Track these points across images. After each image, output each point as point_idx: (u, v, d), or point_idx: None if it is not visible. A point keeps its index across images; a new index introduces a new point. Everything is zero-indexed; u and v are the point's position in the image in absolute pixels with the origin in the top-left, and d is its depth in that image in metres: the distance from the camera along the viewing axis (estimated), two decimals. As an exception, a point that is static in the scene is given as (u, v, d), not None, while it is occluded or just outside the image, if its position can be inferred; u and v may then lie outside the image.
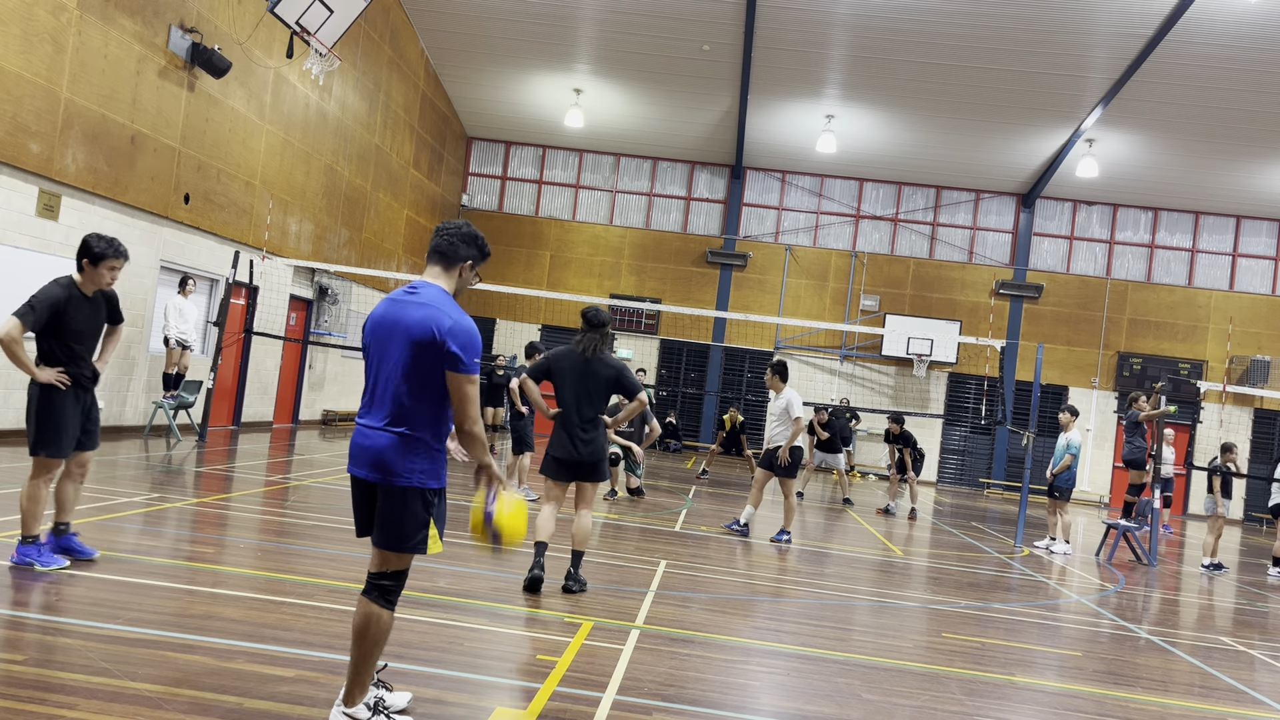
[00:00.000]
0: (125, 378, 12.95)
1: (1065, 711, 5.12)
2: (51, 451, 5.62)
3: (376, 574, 3.65)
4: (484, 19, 20.20)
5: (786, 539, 10.31)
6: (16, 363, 5.49)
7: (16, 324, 5.44)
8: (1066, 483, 12.54)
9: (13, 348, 5.44)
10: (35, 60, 10.56)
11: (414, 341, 3.58)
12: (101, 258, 5.59)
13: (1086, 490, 23.30)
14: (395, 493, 3.61)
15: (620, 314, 24.62)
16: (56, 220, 11.21)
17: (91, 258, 5.58)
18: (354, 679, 3.63)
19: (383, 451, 3.61)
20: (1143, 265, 24.67)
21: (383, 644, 3.65)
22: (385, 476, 3.60)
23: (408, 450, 3.61)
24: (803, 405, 10.33)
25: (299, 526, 7.95)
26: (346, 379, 20.26)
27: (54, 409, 5.60)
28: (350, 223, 19.09)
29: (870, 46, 19.50)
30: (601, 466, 6.71)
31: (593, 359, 6.64)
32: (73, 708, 3.60)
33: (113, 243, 5.64)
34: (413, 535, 3.64)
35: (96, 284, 5.66)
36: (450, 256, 3.76)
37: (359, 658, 3.61)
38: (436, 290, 3.70)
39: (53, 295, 5.53)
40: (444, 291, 3.72)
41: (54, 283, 5.62)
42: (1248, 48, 17.83)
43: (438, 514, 3.73)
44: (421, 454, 3.63)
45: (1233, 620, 9.10)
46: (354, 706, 3.62)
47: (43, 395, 5.60)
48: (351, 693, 3.64)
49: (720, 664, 5.25)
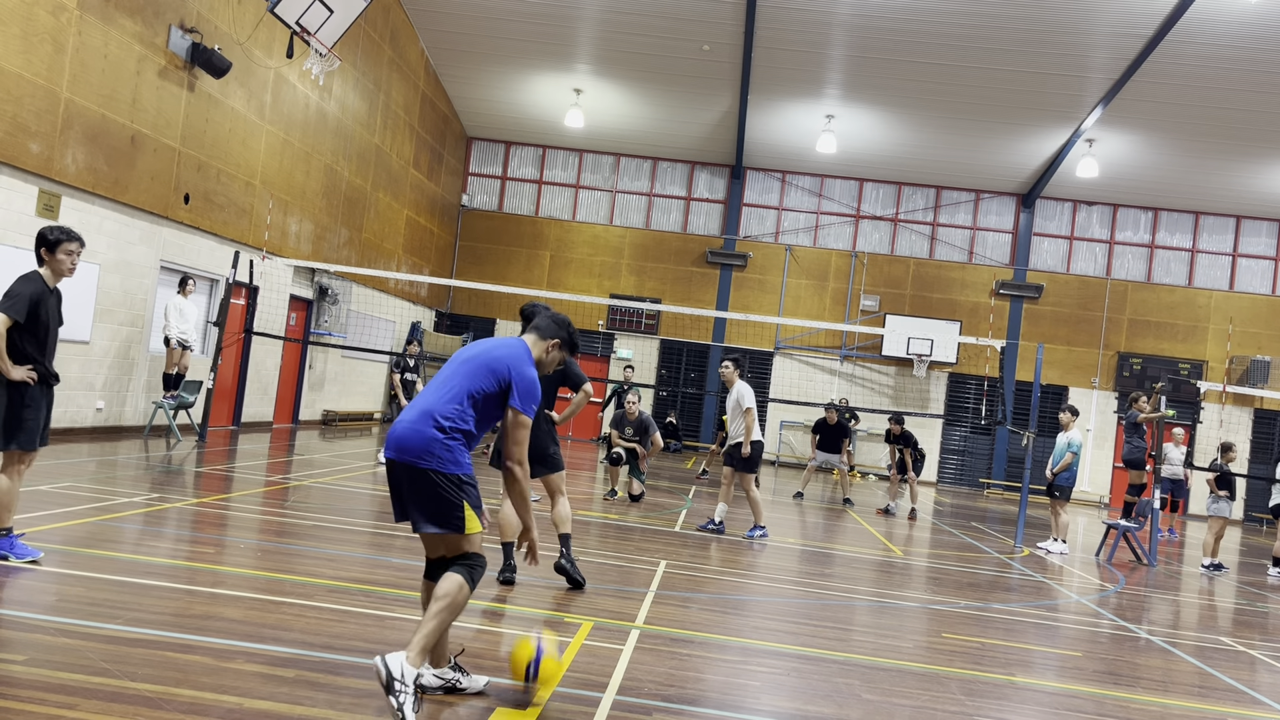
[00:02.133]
0: (125, 378, 12.95)
1: (1065, 711, 5.12)
2: (24, 443, 5.66)
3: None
4: (484, 19, 20.20)
5: (761, 534, 10.27)
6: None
7: (6, 320, 5.49)
8: (1067, 482, 12.52)
9: (1, 344, 5.48)
10: (35, 60, 10.56)
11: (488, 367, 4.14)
12: (58, 243, 5.65)
13: (1086, 490, 23.30)
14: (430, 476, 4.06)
15: (620, 314, 24.64)
16: (56, 220, 11.20)
17: (48, 245, 5.64)
18: (422, 640, 3.80)
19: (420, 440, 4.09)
20: (1143, 265, 24.67)
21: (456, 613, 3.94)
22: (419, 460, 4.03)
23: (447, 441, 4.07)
24: (753, 397, 10.36)
25: (299, 526, 7.95)
26: (346, 379, 20.26)
27: (25, 404, 5.64)
28: (350, 223, 19.09)
29: (870, 46, 19.50)
30: (550, 457, 6.86)
31: None
32: (73, 708, 3.59)
33: (65, 229, 5.71)
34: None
35: (59, 273, 5.72)
36: (545, 331, 4.41)
37: (433, 618, 3.84)
38: (524, 346, 4.29)
39: (29, 289, 5.58)
40: (529, 350, 4.29)
41: (23, 279, 5.64)
42: (1248, 48, 17.83)
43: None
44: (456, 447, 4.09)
45: (1233, 620, 9.10)
46: (417, 666, 3.74)
47: (14, 391, 5.62)
48: (418, 653, 3.77)
49: (720, 664, 5.25)
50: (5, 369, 5.55)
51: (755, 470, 10.40)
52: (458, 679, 4.19)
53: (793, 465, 23.95)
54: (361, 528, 8.34)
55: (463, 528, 3.97)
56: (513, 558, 6.65)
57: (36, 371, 5.67)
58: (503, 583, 6.55)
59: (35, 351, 5.66)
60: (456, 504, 3.96)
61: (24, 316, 5.55)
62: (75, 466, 9.63)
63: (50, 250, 5.64)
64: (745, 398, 10.22)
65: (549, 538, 7.53)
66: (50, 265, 5.67)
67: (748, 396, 10.24)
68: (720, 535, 10.25)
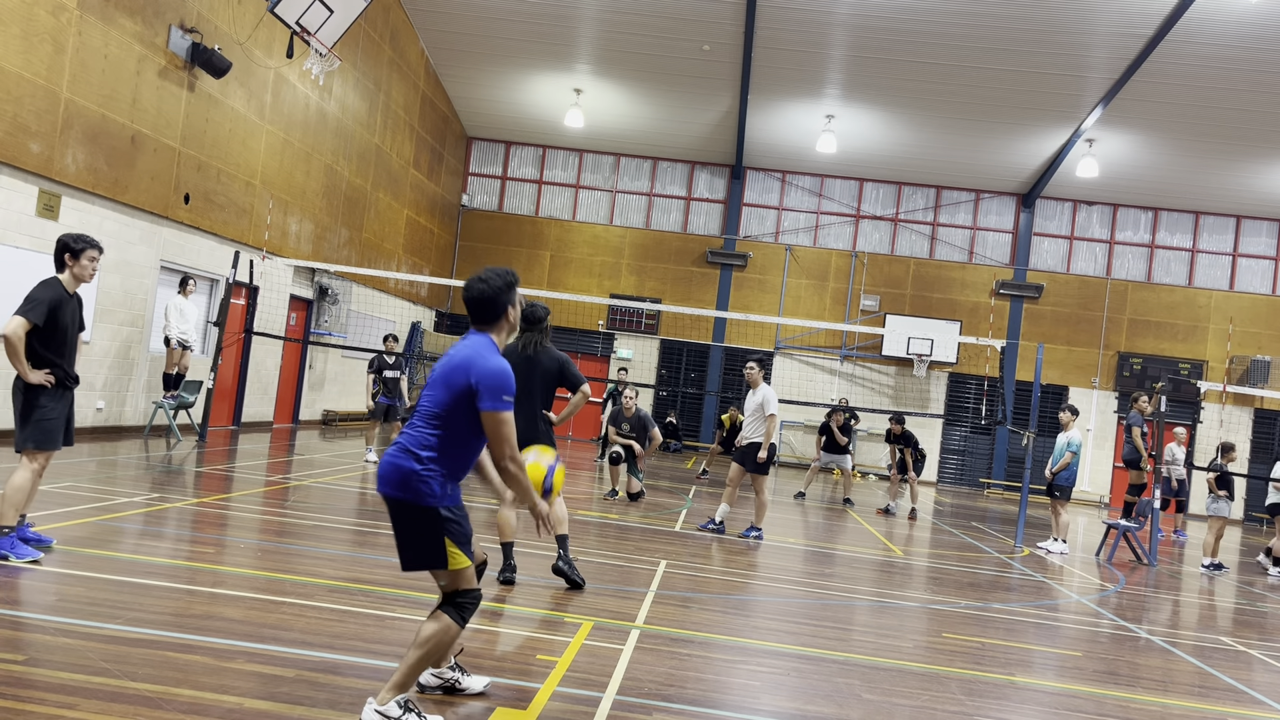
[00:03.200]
0: (125, 378, 12.95)
1: (1065, 711, 5.12)
2: (41, 443, 5.82)
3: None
4: (484, 19, 20.20)
5: (756, 535, 10.29)
6: (15, 360, 5.68)
7: (24, 323, 5.66)
8: (1066, 481, 12.52)
9: (18, 346, 5.65)
10: (35, 60, 10.56)
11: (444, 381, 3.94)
12: (81, 250, 5.86)
13: (1086, 490, 23.30)
14: None
15: (620, 314, 24.63)
16: (56, 220, 11.20)
17: (72, 252, 5.85)
18: (397, 677, 3.73)
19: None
20: (1143, 265, 24.67)
21: (440, 652, 3.85)
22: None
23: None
24: (778, 402, 10.35)
25: (299, 526, 7.95)
26: (347, 379, 20.26)
27: (42, 405, 5.79)
28: (350, 223, 19.09)
29: (870, 46, 19.50)
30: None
31: (535, 355, 6.76)
32: (73, 708, 3.60)
33: (87, 237, 5.93)
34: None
35: (81, 278, 5.91)
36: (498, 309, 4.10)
37: (411, 658, 3.75)
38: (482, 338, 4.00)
39: (49, 294, 5.77)
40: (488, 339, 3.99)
41: (43, 284, 5.82)
42: (1247, 48, 17.83)
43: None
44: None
45: (1233, 620, 9.10)
46: (385, 705, 3.67)
47: (33, 394, 5.78)
48: (389, 689, 3.71)
49: (720, 664, 5.25)
50: (23, 371, 5.71)
51: (768, 471, 10.44)
52: (457, 679, 4.19)
53: (793, 465, 23.94)
54: (362, 528, 8.34)
55: (445, 564, 3.78)
56: (512, 558, 6.65)
57: (55, 374, 5.84)
58: (503, 583, 6.55)
59: (55, 355, 5.84)
60: (436, 540, 3.76)
61: (43, 321, 5.73)
62: (75, 466, 9.63)
63: (74, 257, 5.84)
64: (770, 403, 10.24)
65: (547, 538, 7.52)
66: (72, 271, 5.87)
67: (772, 402, 10.26)
68: (720, 535, 10.26)
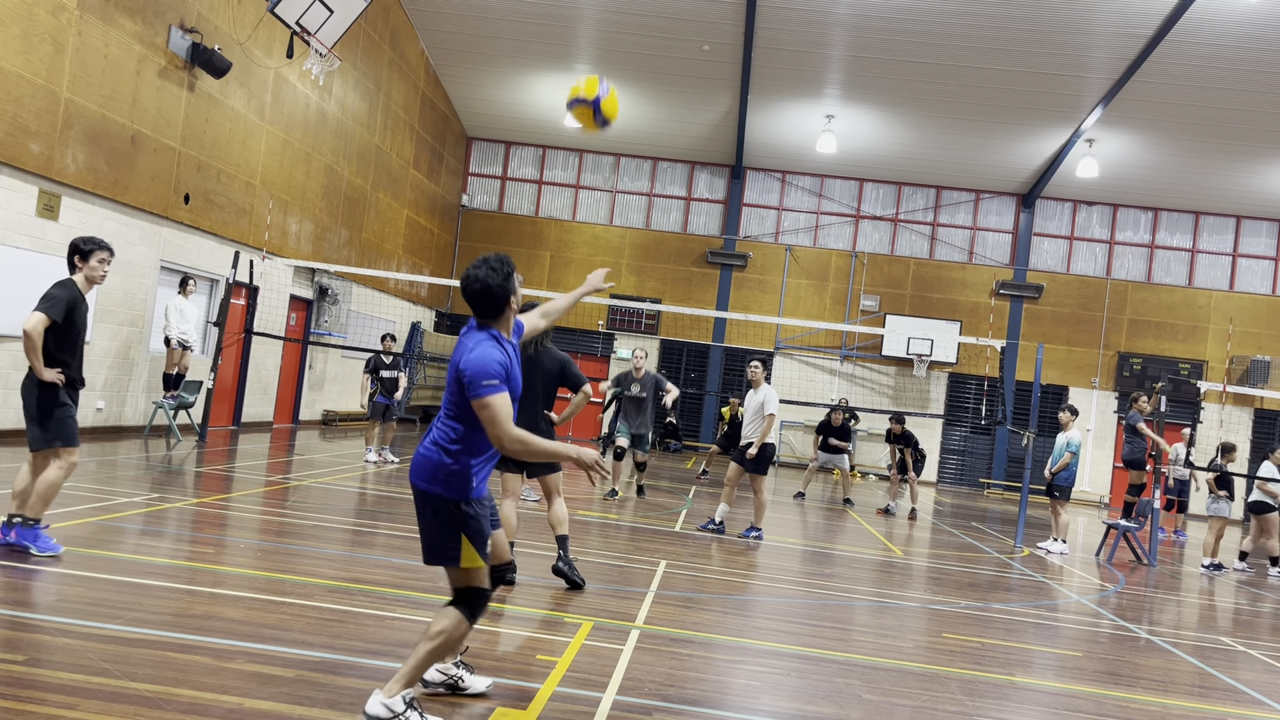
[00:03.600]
0: (125, 378, 12.95)
1: (1065, 711, 5.12)
2: (66, 439, 5.94)
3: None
4: (484, 19, 20.19)
5: (756, 535, 10.28)
6: (33, 355, 5.77)
7: (45, 319, 5.77)
8: (1066, 482, 12.52)
9: (37, 342, 5.75)
10: (35, 60, 10.56)
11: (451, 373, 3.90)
12: (91, 252, 5.95)
13: (1086, 490, 23.30)
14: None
15: (620, 314, 24.63)
16: (56, 220, 11.21)
17: (81, 254, 5.94)
18: (406, 669, 3.73)
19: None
20: (1143, 265, 24.67)
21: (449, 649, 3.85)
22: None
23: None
24: (778, 403, 10.35)
25: (299, 526, 7.95)
26: (347, 379, 20.25)
27: (60, 402, 5.92)
28: (350, 223, 19.09)
29: (870, 46, 19.50)
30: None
31: (536, 355, 6.77)
32: (73, 708, 3.59)
33: (98, 239, 6.02)
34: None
35: (93, 280, 5.99)
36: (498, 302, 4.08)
37: (421, 650, 3.74)
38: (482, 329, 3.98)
39: (66, 294, 5.88)
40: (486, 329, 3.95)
41: (60, 284, 5.92)
42: (1247, 48, 17.82)
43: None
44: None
45: (1233, 620, 9.10)
46: (392, 697, 3.67)
47: (49, 392, 5.87)
48: (397, 681, 3.71)
49: (720, 664, 5.25)
50: (38, 368, 5.79)
51: (766, 471, 10.43)
52: (460, 677, 4.19)
53: (792, 465, 23.94)
54: (361, 527, 8.35)
55: (458, 562, 3.77)
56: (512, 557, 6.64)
57: (65, 375, 5.92)
58: (503, 583, 6.53)
59: (67, 355, 5.93)
60: (453, 535, 3.76)
61: (62, 318, 5.83)
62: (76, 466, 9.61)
63: (85, 258, 5.93)
64: (770, 402, 10.24)
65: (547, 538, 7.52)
66: (85, 272, 5.95)
67: (773, 401, 10.25)
68: (720, 535, 10.26)
